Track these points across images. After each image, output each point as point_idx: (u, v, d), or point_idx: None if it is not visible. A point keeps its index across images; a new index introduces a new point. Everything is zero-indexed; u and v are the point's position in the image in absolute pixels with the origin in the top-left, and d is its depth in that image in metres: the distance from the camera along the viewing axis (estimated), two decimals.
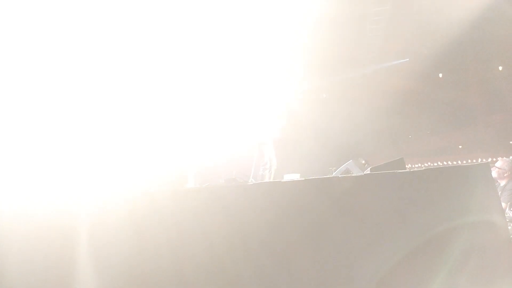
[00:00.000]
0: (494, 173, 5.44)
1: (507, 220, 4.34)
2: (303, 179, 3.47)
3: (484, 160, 11.56)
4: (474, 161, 12.49)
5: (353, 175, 4.47)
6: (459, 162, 13.05)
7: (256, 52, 8.59)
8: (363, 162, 5.29)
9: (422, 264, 2.90)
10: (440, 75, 13.86)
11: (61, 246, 2.91)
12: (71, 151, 5.06)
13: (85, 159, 5.05)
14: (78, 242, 2.91)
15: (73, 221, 2.96)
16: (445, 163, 13.05)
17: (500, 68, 13.26)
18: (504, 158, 6.03)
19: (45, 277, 2.89)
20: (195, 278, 2.85)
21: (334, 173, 5.25)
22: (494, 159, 7.46)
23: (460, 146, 13.85)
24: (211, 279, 2.84)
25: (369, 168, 4.25)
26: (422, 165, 12.01)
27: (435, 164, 12.85)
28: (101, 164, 5.02)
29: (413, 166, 11.76)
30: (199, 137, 7.23)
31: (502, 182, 5.65)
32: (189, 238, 2.90)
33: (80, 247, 2.90)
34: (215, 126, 7.70)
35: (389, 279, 2.84)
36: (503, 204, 5.09)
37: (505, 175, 5.63)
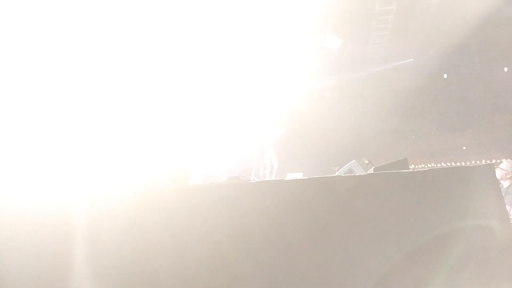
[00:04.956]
0: (497, 174, 5.43)
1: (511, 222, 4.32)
2: (306, 178, 3.46)
3: (488, 161, 11.52)
4: (478, 162, 12.46)
5: (356, 174, 4.47)
6: (463, 163, 13.02)
7: (259, 51, 8.59)
8: (367, 161, 5.29)
9: (425, 265, 2.89)
10: (445, 75, 13.82)
11: (63, 243, 2.91)
12: (75, 147, 5.07)
13: (88, 156, 5.06)
14: (80, 239, 2.91)
15: (75, 219, 2.96)
16: (448, 163, 13.02)
17: (506, 69, 13.21)
18: (508, 159, 6.01)
19: (46, 274, 2.89)
20: (198, 274, 2.85)
21: (337, 173, 5.25)
22: (498, 161, 7.43)
23: (464, 147, 13.81)
24: (214, 276, 2.84)
25: (372, 168, 4.24)
26: (426, 166, 12.00)
27: (439, 164, 12.83)
28: (104, 161, 5.03)
29: (417, 166, 11.75)
30: (202, 136, 7.24)
31: (505, 184, 5.64)
32: (192, 235, 2.90)
33: (82, 244, 2.91)
34: (218, 126, 7.72)
35: (390, 278, 2.83)
36: (507, 207, 5.07)
37: (508, 176, 5.63)
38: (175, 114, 6.51)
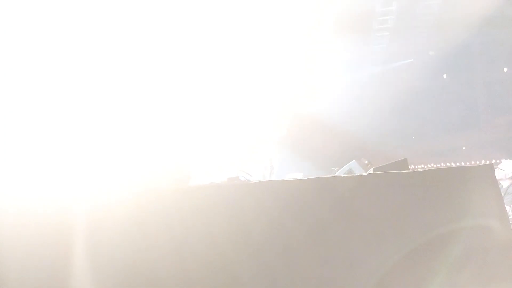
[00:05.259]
0: (497, 175, 5.43)
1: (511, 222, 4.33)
2: (306, 178, 3.47)
3: (487, 161, 11.52)
4: (478, 162, 12.47)
5: (355, 175, 4.47)
6: (463, 163, 13.02)
7: (260, 51, 8.59)
8: (366, 162, 5.29)
9: (425, 265, 2.89)
10: (445, 76, 13.83)
11: (63, 243, 2.92)
12: (75, 148, 5.08)
13: (88, 157, 5.06)
14: (80, 239, 2.91)
15: (75, 219, 2.96)
16: (448, 164, 13.02)
17: (505, 69, 13.21)
18: (508, 160, 6.02)
19: (46, 274, 2.89)
20: (198, 274, 2.85)
21: (336, 173, 5.25)
22: (498, 161, 7.44)
23: (463, 147, 13.81)
24: (214, 276, 2.84)
25: (372, 168, 4.25)
26: (425, 166, 12.00)
27: (439, 165, 12.82)
28: (104, 162, 5.03)
29: (416, 167, 11.74)
30: (202, 136, 7.25)
31: (505, 184, 5.64)
32: (192, 235, 2.91)
33: (82, 245, 2.91)
34: (218, 126, 7.72)
35: (390, 278, 2.84)
36: (507, 207, 5.07)
37: (508, 177, 5.64)
38: (175, 114, 6.51)
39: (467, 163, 12.79)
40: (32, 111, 5.05)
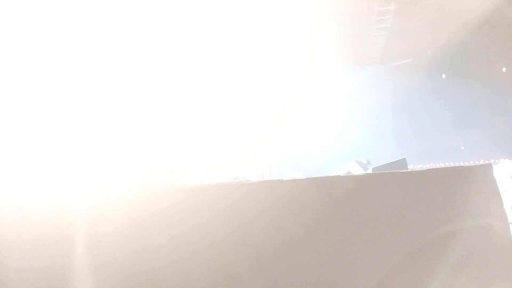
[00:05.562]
0: (496, 175, 5.43)
1: (509, 222, 4.33)
2: (305, 178, 3.47)
3: (486, 161, 11.52)
4: (477, 162, 12.48)
5: (355, 174, 4.48)
6: (461, 163, 13.03)
7: (259, 51, 8.59)
8: (365, 162, 5.31)
9: (425, 265, 2.90)
10: (443, 75, 13.84)
11: (63, 243, 2.92)
12: (75, 148, 5.07)
13: (88, 157, 5.06)
14: (79, 240, 2.91)
15: (74, 219, 2.96)
16: (447, 163, 13.02)
17: (504, 69, 13.22)
18: (507, 159, 6.02)
19: (46, 274, 2.89)
20: (198, 274, 2.86)
21: (336, 173, 5.26)
22: (497, 161, 7.45)
23: (462, 147, 13.82)
24: (214, 276, 2.85)
25: (371, 168, 4.26)
26: (424, 166, 12.01)
27: (438, 164, 12.83)
28: (104, 162, 5.03)
29: (415, 166, 11.75)
30: (201, 136, 7.25)
31: (505, 184, 5.64)
32: (192, 235, 2.91)
33: (81, 245, 2.91)
34: (218, 126, 7.72)
35: (390, 278, 2.84)
36: (507, 207, 5.07)
37: (508, 176, 5.64)
38: (175, 114, 6.52)
39: (466, 163, 12.79)
40: (32, 111, 5.05)
